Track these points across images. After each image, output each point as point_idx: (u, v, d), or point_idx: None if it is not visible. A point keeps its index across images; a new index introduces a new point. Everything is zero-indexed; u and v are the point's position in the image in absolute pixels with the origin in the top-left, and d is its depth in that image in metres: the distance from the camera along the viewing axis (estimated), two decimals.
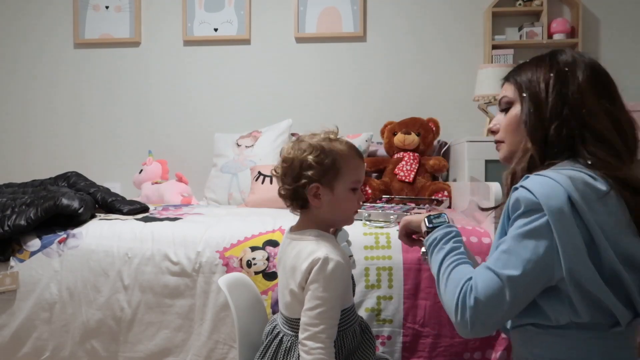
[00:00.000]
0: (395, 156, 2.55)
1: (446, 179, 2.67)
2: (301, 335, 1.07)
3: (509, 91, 1.08)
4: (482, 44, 2.99)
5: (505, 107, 1.09)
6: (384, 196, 2.33)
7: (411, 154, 2.51)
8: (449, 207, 2.41)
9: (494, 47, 2.92)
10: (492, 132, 1.14)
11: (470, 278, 0.94)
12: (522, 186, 0.94)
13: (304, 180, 1.13)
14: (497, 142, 1.12)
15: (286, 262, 1.17)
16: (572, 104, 0.97)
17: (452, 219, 1.13)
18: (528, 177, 0.96)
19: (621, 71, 2.87)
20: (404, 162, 2.48)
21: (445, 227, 1.09)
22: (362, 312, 1.60)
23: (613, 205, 0.91)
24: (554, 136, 0.97)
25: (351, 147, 1.19)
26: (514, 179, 1.03)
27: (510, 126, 1.07)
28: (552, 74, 1.00)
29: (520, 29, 2.94)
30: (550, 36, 2.89)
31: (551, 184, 0.91)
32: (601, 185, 0.91)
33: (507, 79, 1.10)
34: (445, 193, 2.40)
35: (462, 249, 1.05)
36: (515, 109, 1.06)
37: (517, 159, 1.05)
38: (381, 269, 1.63)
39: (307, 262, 1.08)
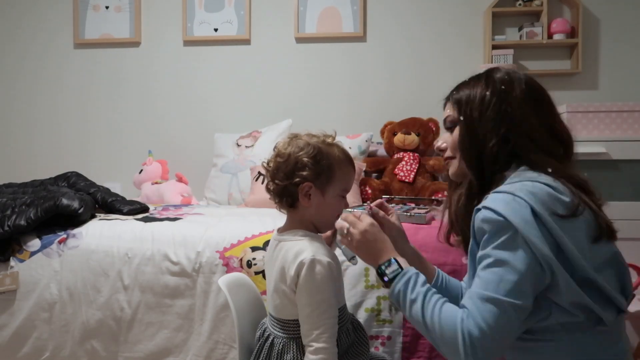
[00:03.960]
0: (395, 156, 2.55)
1: (446, 179, 2.66)
2: (305, 340, 1.08)
3: (451, 110, 1.09)
4: (482, 44, 2.99)
5: (450, 126, 1.10)
6: (384, 196, 2.33)
7: (411, 154, 2.51)
8: None
9: (494, 47, 2.92)
10: (440, 150, 1.15)
11: (462, 319, 0.90)
12: (484, 207, 0.94)
13: (297, 179, 1.13)
14: (446, 159, 1.14)
15: (274, 264, 1.17)
16: (511, 118, 0.99)
17: (400, 261, 1.04)
18: (488, 197, 0.96)
19: (621, 71, 2.91)
20: (404, 162, 2.48)
21: (402, 277, 1.01)
22: (362, 312, 1.61)
23: (580, 217, 0.92)
24: (495, 153, 0.99)
25: (346, 154, 1.20)
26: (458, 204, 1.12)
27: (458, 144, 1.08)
28: (488, 92, 1.02)
29: (520, 29, 2.94)
30: (550, 36, 2.88)
31: (513, 199, 0.91)
32: (565, 197, 0.92)
33: (448, 98, 1.12)
34: (445, 193, 2.40)
35: (429, 291, 0.98)
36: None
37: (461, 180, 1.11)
38: None
39: (294, 264, 1.08)
